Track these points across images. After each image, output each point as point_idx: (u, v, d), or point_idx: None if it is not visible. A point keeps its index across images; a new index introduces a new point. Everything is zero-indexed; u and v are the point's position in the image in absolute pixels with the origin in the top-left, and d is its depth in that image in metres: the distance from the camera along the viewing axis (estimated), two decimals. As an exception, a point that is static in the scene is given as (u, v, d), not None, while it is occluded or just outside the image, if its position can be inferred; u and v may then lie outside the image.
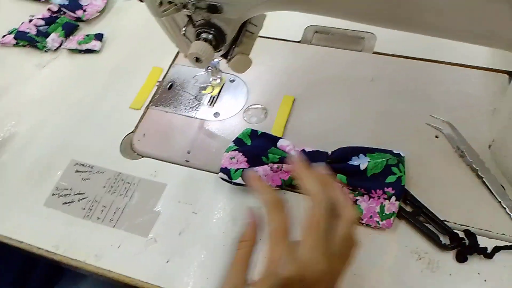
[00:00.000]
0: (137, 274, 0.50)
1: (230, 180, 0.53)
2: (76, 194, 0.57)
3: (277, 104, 0.61)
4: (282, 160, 0.53)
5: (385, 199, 0.50)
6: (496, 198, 0.51)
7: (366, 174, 0.51)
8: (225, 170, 0.53)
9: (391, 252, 0.48)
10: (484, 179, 0.52)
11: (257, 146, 0.55)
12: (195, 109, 0.63)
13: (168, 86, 0.66)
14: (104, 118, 0.64)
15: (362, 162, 0.51)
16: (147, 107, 0.64)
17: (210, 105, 0.63)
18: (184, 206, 0.54)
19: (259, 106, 0.62)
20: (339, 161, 0.52)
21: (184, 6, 0.40)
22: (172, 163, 0.58)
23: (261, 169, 0.52)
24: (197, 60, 0.41)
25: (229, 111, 0.62)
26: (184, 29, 0.42)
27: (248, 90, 0.64)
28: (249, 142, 0.56)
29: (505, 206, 0.50)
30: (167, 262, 0.50)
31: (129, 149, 0.61)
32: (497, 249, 0.47)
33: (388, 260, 0.48)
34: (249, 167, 0.53)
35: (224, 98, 0.64)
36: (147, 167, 0.58)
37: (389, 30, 0.41)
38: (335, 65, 0.64)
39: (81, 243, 0.53)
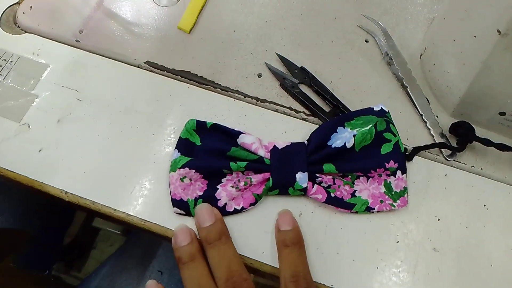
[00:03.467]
0: (2, 162, 0.43)
1: (190, 214, 0.40)
2: None
3: (195, -12, 0.52)
4: (250, 166, 0.39)
5: (387, 175, 0.40)
6: (418, 110, 0.46)
7: (355, 150, 0.40)
8: (180, 203, 0.40)
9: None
10: (408, 89, 0.47)
11: (212, 151, 0.41)
12: (96, -16, 0.53)
13: (67, -46, 0.55)
14: (-16, -16, 0.53)
15: (346, 138, 0.40)
16: (39, -24, 0.53)
17: (115, -20, 0.53)
18: (68, 91, 0.46)
19: (173, -12, 0.53)
20: (320, 147, 0.40)
21: None
22: (60, 42, 0.49)
23: (224, 194, 0.40)
24: None
25: (136, -10, 0.52)
26: None
27: (163, -31, 0.54)
28: (198, 141, 0.41)
29: (425, 120, 0.45)
30: (40, 151, 0.43)
31: (11, 22, 0.51)
32: (416, 150, 0.43)
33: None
34: (207, 186, 0.40)
35: (133, -25, 0.54)
36: (29, 44, 0.49)
37: None
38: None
39: None
